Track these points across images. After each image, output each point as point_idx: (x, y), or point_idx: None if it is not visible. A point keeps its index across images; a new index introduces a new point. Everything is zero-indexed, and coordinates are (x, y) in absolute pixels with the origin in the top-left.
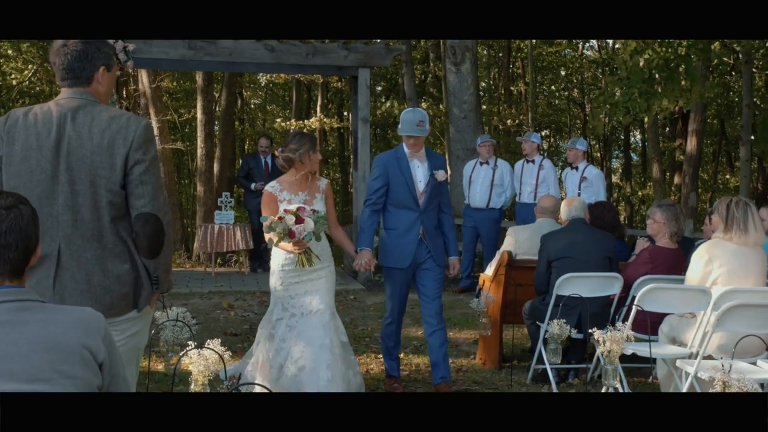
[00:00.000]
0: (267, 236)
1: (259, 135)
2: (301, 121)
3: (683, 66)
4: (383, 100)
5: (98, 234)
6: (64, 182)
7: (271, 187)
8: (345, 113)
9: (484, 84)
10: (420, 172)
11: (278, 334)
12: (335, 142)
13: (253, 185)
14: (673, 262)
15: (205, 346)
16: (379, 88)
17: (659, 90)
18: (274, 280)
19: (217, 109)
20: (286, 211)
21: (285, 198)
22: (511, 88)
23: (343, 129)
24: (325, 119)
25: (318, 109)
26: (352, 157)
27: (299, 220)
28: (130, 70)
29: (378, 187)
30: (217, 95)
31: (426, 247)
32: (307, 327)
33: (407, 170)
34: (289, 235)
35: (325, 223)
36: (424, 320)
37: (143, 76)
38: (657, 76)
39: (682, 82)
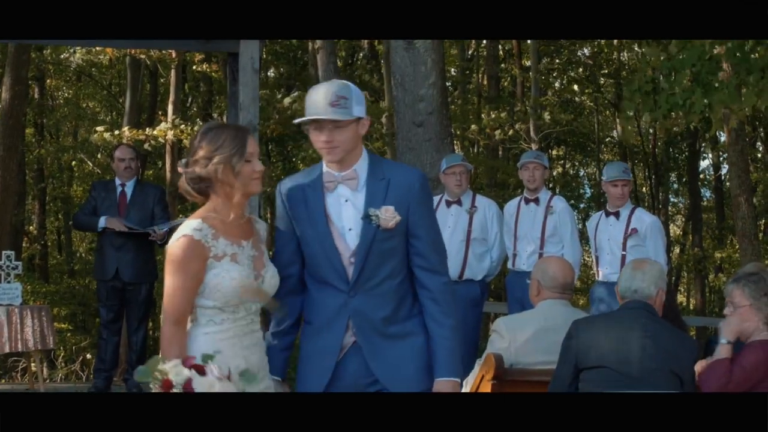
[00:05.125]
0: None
1: (115, 145)
2: (139, 130)
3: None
4: (281, 94)
5: None
6: None
7: (194, 229)
8: (216, 115)
9: (453, 71)
10: (349, 213)
11: None
12: None
13: (103, 220)
14: None
15: None
16: (273, 74)
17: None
18: None
19: None
20: (186, 388)
21: (224, 251)
22: (500, 76)
23: None
24: (181, 126)
25: (170, 109)
26: None
27: None
28: None
29: (281, 247)
30: None
31: (363, 362)
32: None
33: (320, 210)
34: None
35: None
36: None
37: None
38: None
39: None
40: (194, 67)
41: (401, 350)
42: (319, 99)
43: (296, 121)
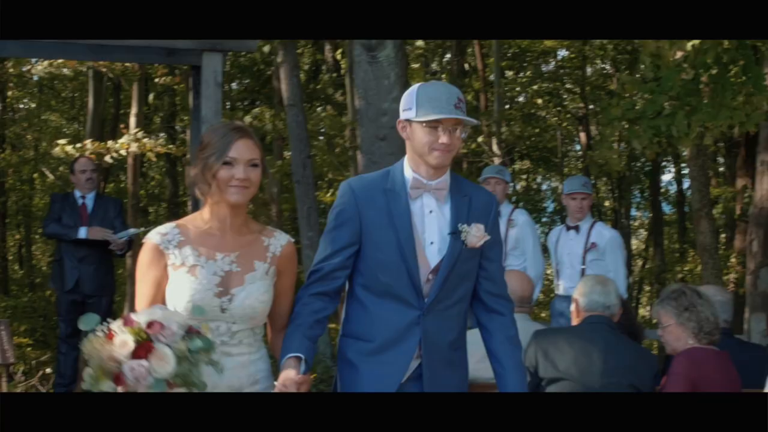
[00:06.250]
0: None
1: (75, 157)
2: (101, 143)
3: (740, 65)
4: (242, 106)
5: None
6: None
7: (158, 233)
8: (179, 129)
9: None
10: (433, 225)
11: None
12: (162, 176)
13: (83, 230)
14: (724, 374)
15: None
16: (236, 86)
17: (705, 101)
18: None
19: None
20: (126, 323)
21: (183, 261)
22: (464, 90)
23: (175, 156)
24: (144, 139)
25: (132, 121)
26: (190, 203)
27: (142, 351)
28: None
29: (339, 248)
30: None
31: (420, 390)
32: None
33: (406, 218)
34: (113, 380)
35: (217, 363)
36: None
37: None
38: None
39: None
40: (156, 80)
41: (454, 380)
42: (441, 98)
43: (422, 118)
